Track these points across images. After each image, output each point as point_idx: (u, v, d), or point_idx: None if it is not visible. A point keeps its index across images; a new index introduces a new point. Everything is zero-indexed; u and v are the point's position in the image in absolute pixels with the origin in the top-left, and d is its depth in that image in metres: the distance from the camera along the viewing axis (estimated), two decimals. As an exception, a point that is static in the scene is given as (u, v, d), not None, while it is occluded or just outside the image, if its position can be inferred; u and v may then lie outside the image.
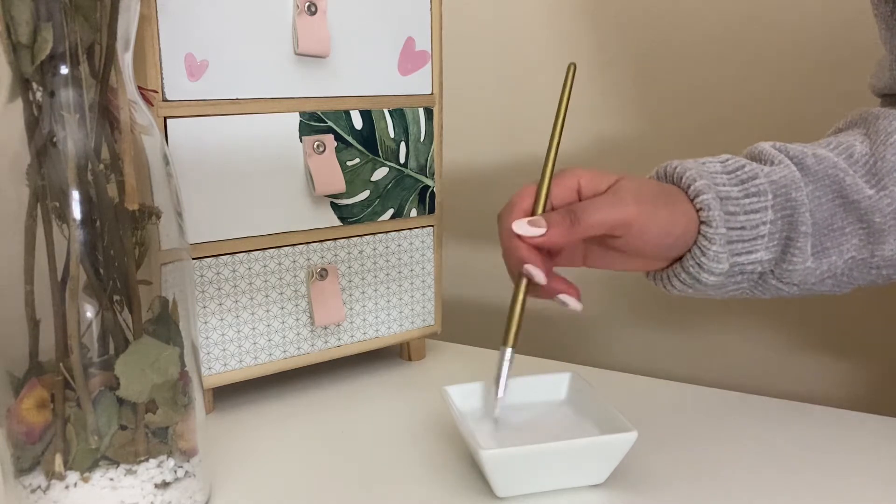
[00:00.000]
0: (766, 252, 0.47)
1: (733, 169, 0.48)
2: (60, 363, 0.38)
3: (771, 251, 0.47)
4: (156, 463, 0.40)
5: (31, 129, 0.37)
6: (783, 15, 0.76)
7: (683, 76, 0.82)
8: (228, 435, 0.54)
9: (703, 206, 0.46)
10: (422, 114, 0.63)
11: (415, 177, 0.63)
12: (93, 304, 0.38)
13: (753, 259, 0.47)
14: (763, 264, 0.47)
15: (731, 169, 0.48)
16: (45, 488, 0.39)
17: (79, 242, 0.37)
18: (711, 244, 0.46)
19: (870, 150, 0.49)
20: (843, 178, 0.47)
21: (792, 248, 0.47)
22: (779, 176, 0.47)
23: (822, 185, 0.47)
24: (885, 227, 0.47)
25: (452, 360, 0.69)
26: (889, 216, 0.47)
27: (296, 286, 0.59)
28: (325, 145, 0.58)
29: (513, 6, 0.91)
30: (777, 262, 0.48)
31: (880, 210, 0.47)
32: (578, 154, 0.88)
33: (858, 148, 0.49)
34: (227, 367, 0.57)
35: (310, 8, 0.55)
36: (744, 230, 0.46)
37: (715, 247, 0.46)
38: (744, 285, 0.49)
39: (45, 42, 0.35)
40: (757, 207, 0.46)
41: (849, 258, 0.48)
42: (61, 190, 0.37)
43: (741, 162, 0.48)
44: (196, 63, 0.51)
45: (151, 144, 0.40)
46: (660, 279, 0.50)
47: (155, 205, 0.40)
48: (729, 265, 0.47)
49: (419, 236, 0.65)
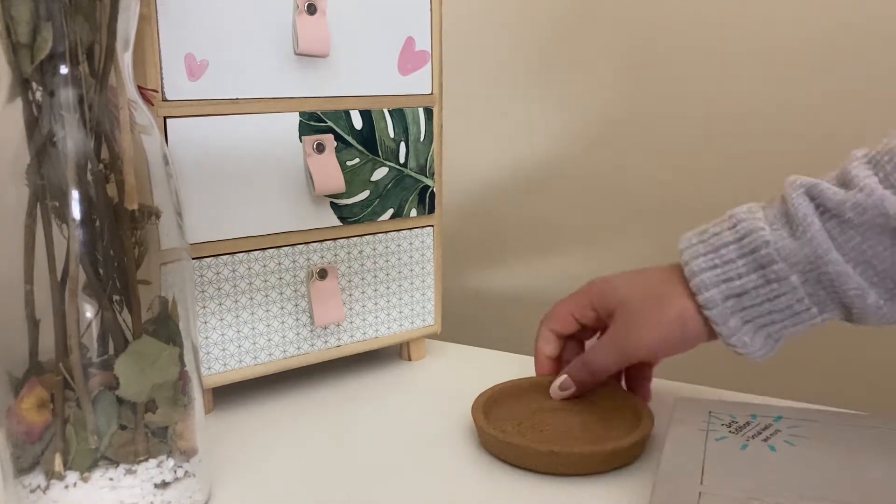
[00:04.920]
0: (819, 318, 0.46)
1: (749, 251, 0.46)
2: (60, 363, 0.38)
3: (826, 314, 0.46)
4: (155, 463, 0.40)
5: (31, 129, 0.37)
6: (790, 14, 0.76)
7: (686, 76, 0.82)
8: (228, 435, 0.54)
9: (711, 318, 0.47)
10: (422, 114, 0.63)
11: (415, 177, 0.63)
12: (92, 304, 0.38)
13: (803, 328, 0.47)
14: (822, 322, 0.46)
15: (747, 252, 0.46)
16: (45, 488, 0.39)
17: (78, 242, 0.37)
18: (734, 347, 0.47)
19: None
20: (891, 224, 0.43)
21: (852, 307, 0.45)
22: (800, 257, 0.45)
23: (872, 234, 0.44)
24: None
25: (452, 360, 0.69)
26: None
27: (296, 286, 0.59)
28: (324, 145, 0.58)
29: (513, 6, 0.91)
30: (845, 318, 0.47)
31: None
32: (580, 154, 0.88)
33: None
34: (227, 367, 0.57)
35: (310, 8, 0.55)
36: (773, 314, 0.46)
37: (735, 336, 0.47)
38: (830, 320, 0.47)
39: (45, 42, 0.35)
40: (781, 292, 0.45)
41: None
42: (61, 190, 0.37)
43: (759, 241, 0.46)
44: (196, 63, 0.51)
45: (151, 144, 0.40)
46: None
47: (155, 205, 0.40)
48: (773, 338, 0.47)
49: (419, 236, 0.65)
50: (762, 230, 0.46)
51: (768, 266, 0.45)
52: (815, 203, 0.45)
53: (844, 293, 0.44)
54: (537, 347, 0.56)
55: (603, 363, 0.52)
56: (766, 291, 0.46)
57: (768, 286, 0.46)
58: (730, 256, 0.47)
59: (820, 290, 0.45)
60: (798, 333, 0.48)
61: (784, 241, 0.45)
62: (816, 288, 0.45)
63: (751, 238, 0.46)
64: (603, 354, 0.52)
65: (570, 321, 0.55)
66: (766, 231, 0.46)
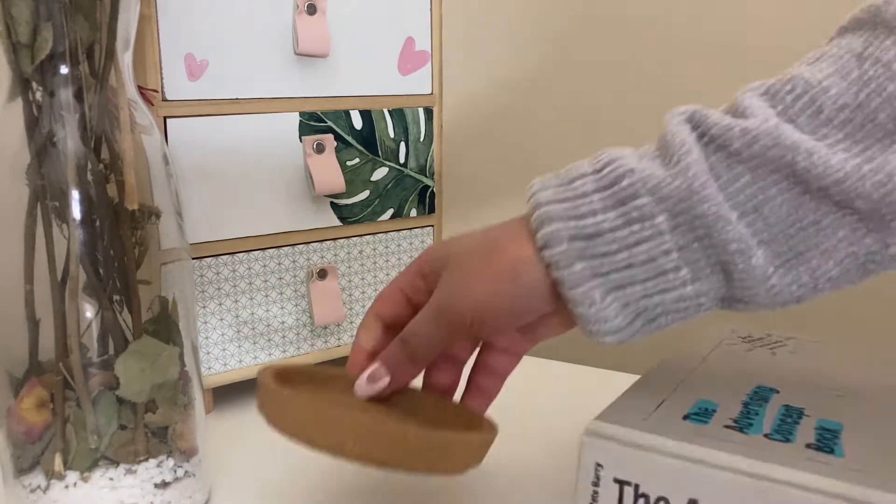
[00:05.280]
0: (690, 287, 0.35)
1: (608, 184, 0.35)
2: (60, 363, 0.38)
3: (700, 284, 0.35)
4: (155, 463, 0.40)
5: (31, 129, 0.37)
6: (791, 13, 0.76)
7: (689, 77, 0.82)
8: (228, 435, 0.54)
9: (552, 263, 0.35)
10: (422, 114, 0.63)
11: (415, 177, 0.63)
12: (92, 304, 0.38)
13: (672, 302, 0.35)
14: (697, 300, 0.35)
15: (606, 184, 0.35)
16: (45, 488, 0.39)
17: (78, 242, 0.37)
18: (578, 307, 0.35)
19: (856, 93, 0.33)
20: (793, 159, 0.32)
21: (733, 271, 0.34)
22: (670, 190, 0.34)
23: (765, 172, 0.33)
24: (880, 212, 0.32)
25: (452, 360, 0.69)
26: (880, 200, 0.32)
27: (296, 286, 0.59)
28: (324, 145, 0.58)
29: (513, 6, 0.91)
30: (725, 294, 0.35)
31: (863, 194, 0.32)
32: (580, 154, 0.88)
33: (834, 90, 0.33)
34: (227, 367, 0.57)
35: (310, 8, 0.55)
36: (633, 269, 0.35)
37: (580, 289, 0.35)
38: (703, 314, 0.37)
39: (45, 42, 0.35)
40: (643, 237, 0.34)
41: (846, 255, 0.34)
42: (61, 190, 0.37)
43: (621, 169, 0.35)
44: (196, 63, 0.51)
45: (151, 144, 0.40)
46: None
47: (155, 204, 0.40)
48: (633, 315, 0.36)
49: (419, 236, 0.65)
50: (626, 158, 0.36)
51: (630, 201, 0.35)
52: (699, 131, 0.35)
53: (723, 247, 0.33)
54: (355, 339, 0.42)
55: (423, 337, 0.38)
56: (625, 234, 0.35)
57: (628, 227, 0.35)
58: (584, 189, 0.36)
59: (693, 242, 0.34)
60: (670, 319, 0.36)
61: (653, 170, 0.35)
62: (688, 237, 0.34)
63: (612, 167, 0.36)
64: (422, 324, 0.38)
65: (399, 300, 0.41)
66: (631, 159, 0.36)
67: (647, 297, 0.35)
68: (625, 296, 0.35)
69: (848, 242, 0.33)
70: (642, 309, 0.36)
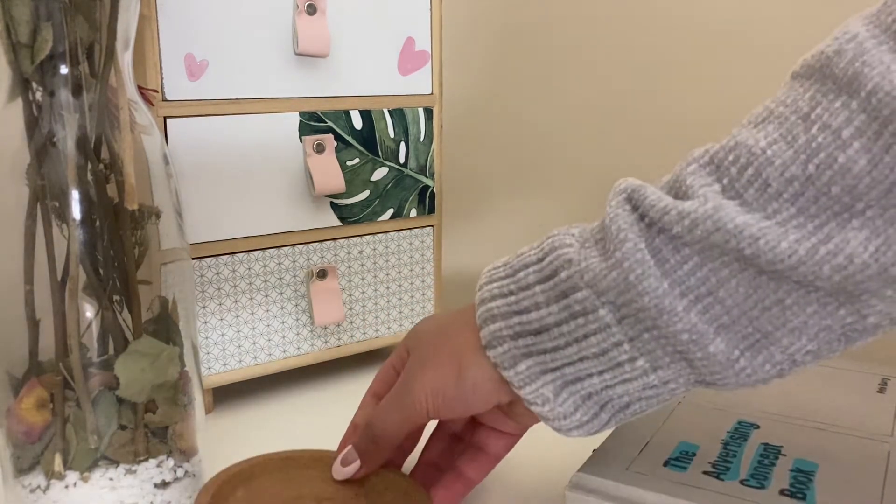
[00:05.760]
0: (654, 376, 0.33)
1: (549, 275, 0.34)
2: (60, 363, 0.38)
3: (663, 371, 0.33)
4: (155, 463, 0.40)
5: (31, 129, 0.37)
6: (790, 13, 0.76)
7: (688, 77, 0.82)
8: (228, 435, 0.54)
9: (497, 363, 0.35)
10: (422, 114, 0.63)
11: (415, 177, 0.63)
12: (92, 304, 0.38)
13: (637, 391, 0.33)
14: (669, 385, 0.33)
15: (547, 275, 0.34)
16: (45, 488, 0.39)
17: (78, 242, 0.37)
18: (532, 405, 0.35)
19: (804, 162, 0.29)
20: (738, 245, 0.29)
21: (694, 359, 0.32)
22: (608, 283, 0.32)
23: (714, 255, 0.31)
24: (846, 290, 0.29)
25: (452, 360, 0.68)
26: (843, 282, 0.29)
27: (296, 286, 0.59)
28: (324, 145, 0.58)
29: (512, 6, 0.91)
30: (697, 379, 0.33)
31: (822, 277, 0.29)
32: (581, 154, 0.88)
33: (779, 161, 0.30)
34: (227, 367, 0.57)
35: (310, 8, 0.55)
36: (586, 362, 0.33)
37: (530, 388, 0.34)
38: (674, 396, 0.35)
39: (45, 42, 0.35)
40: (589, 330, 0.33)
41: (820, 329, 0.31)
42: (61, 190, 0.37)
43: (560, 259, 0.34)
44: (196, 63, 0.51)
45: (151, 144, 0.40)
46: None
47: (155, 204, 0.40)
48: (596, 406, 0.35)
49: (419, 236, 0.65)
50: (568, 247, 0.34)
51: (571, 293, 0.33)
52: (638, 212, 0.32)
53: (674, 337, 0.31)
54: (353, 420, 0.43)
55: (384, 422, 0.39)
56: (572, 328, 0.33)
57: (573, 321, 0.33)
58: (527, 281, 0.34)
59: (643, 333, 0.32)
60: (644, 405, 0.34)
61: (590, 260, 0.33)
62: (637, 329, 0.32)
63: (553, 256, 0.34)
64: (383, 410, 0.39)
65: (393, 377, 0.42)
66: (571, 249, 0.34)
67: (609, 388, 0.34)
68: (582, 389, 0.34)
69: (819, 317, 0.30)
70: (606, 399, 0.34)
